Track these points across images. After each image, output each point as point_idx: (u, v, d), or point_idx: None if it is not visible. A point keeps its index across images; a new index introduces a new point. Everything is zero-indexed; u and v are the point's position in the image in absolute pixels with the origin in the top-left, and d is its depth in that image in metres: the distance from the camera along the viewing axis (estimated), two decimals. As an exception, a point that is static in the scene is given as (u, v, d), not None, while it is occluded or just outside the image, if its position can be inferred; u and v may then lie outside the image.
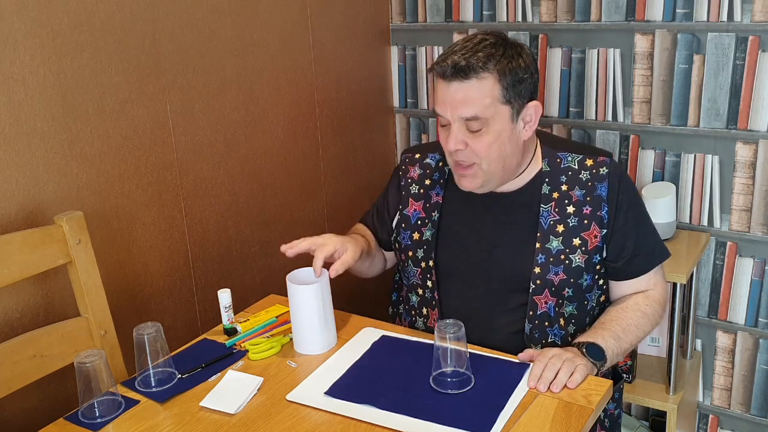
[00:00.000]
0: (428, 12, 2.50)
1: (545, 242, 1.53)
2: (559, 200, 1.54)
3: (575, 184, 1.55)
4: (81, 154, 1.65)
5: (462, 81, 1.42)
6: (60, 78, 1.59)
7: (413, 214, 1.65)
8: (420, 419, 1.29)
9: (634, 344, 1.55)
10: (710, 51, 2.07)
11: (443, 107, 1.46)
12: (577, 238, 1.53)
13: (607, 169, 1.55)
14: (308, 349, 1.53)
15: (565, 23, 2.26)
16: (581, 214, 1.53)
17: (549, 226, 1.54)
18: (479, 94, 1.42)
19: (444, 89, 1.45)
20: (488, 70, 1.42)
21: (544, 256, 1.52)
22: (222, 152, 1.99)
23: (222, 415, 1.34)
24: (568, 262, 1.52)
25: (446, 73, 1.43)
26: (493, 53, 1.43)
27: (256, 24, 2.04)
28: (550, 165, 1.57)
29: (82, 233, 1.53)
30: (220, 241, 2.02)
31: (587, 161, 1.56)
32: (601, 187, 1.54)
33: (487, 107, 1.43)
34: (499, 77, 1.43)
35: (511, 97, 1.45)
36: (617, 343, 1.48)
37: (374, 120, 2.58)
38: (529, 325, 1.54)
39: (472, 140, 1.46)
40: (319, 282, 1.51)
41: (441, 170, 1.65)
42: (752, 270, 2.16)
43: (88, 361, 1.31)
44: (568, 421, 1.28)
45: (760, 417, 2.27)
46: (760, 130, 2.06)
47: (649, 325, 1.57)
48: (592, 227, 1.53)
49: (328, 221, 2.41)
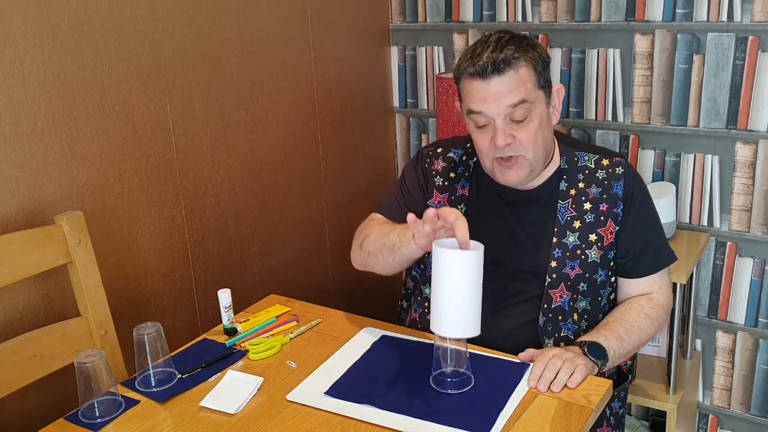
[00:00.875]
0: (428, 12, 2.50)
1: (562, 237, 1.56)
2: (576, 197, 1.58)
3: (592, 182, 1.59)
4: (81, 154, 1.65)
5: (501, 75, 1.46)
6: (60, 78, 1.59)
7: (437, 205, 1.65)
8: (420, 419, 1.29)
9: (637, 346, 1.56)
10: (710, 51, 2.07)
11: (485, 104, 1.47)
12: (594, 234, 1.56)
13: (622, 169, 1.59)
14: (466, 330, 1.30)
15: (565, 23, 2.26)
16: (598, 211, 1.57)
17: (566, 221, 1.57)
18: (521, 82, 1.46)
19: (483, 88, 1.47)
20: (523, 59, 1.47)
21: (560, 250, 1.55)
22: (222, 152, 1.99)
23: (222, 415, 1.34)
24: (584, 257, 1.55)
25: (485, 71, 1.45)
26: (519, 45, 1.48)
27: (256, 24, 2.04)
28: (568, 163, 1.61)
29: (82, 233, 1.53)
30: (220, 241, 2.02)
31: (603, 161, 1.60)
32: (617, 185, 1.58)
33: (530, 91, 1.47)
34: (534, 64, 1.48)
35: (544, 82, 1.51)
36: (620, 344, 1.49)
37: (374, 120, 2.58)
38: (543, 318, 1.56)
39: (518, 132, 1.48)
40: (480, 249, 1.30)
41: (466, 164, 1.67)
42: (752, 270, 2.16)
43: (88, 361, 1.31)
44: (568, 421, 1.28)
45: (760, 417, 2.27)
46: (760, 130, 2.06)
47: (652, 328, 1.57)
48: (608, 224, 1.57)
49: (328, 221, 2.41)
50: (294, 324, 1.65)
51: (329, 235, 2.42)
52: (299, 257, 2.31)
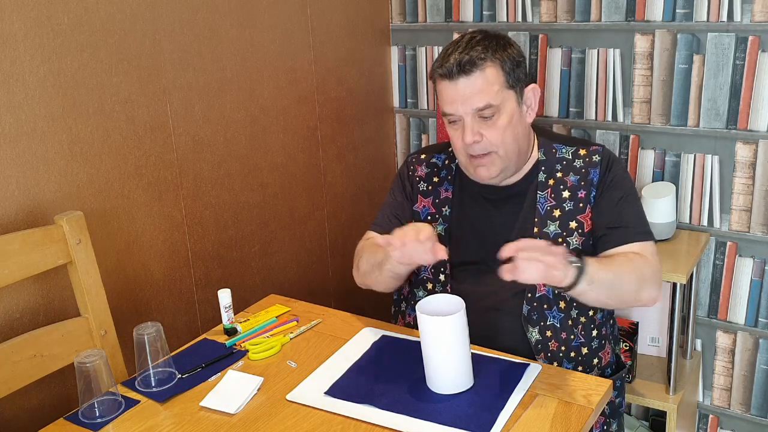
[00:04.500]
0: (428, 12, 2.50)
1: (543, 227, 1.58)
2: (555, 186, 1.59)
3: (570, 171, 1.60)
4: (81, 154, 1.65)
5: (468, 75, 1.48)
6: (60, 78, 1.59)
7: (422, 210, 1.68)
8: (420, 419, 1.29)
9: (618, 287, 1.48)
10: (710, 51, 2.07)
11: (453, 105, 1.51)
12: (573, 221, 1.58)
13: (599, 156, 1.60)
14: (457, 386, 1.36)
15: (565, 23, 2.26)
16: (576, 198, 1.58)
17: (546, 211, 1.58)
18: (487, 83, 1.49)
19: (451, 89, 1.50)
20: (490, 60, 1.49)
21: (542, 240, 1.56)
22: (222, 152, 1.99)
23: (222, 415, 1.34)
24: (566, 245, 1.55)
25: (452, 72, 1.49)
26: (488, 45, 1.51)
27: (256, 24, 2.04)
28: (546, 155, 1.62)
29: (82, 233, 1.53)
30: (220, 241, 2.02)
31: (581, 151, 1.62)
32: (594, 172, 1.59)
33: (496, 93, 1.49)
34: (501, 64, 1.50)
35: (513, 82, 1.52)
36: (599, 266, 1.43)
37: (374, 120, 2.58)
38: (528, 307, 1.56)
39: (486, 129, 1.51)
40: (461, 310, 1.34)
41: (448, 168, 1.69)
42: (752, 270, 2.16)
43: (88, 361, 1.31)
44: (568, 421, 1.28)
45: (760, 417, 2.27)
46: (760, 130, 2.06)
47: (634, 274, 1.50)
48: (587, 210, 1.58)
49: (328, 221, 2.41)
50: (294, 324, 1.65)
51: (329, 235, 2.42)
52: (299, 257, 2.31)
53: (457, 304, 1.35)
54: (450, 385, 1.36)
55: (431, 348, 1.34)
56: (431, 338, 1.33)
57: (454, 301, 1.36)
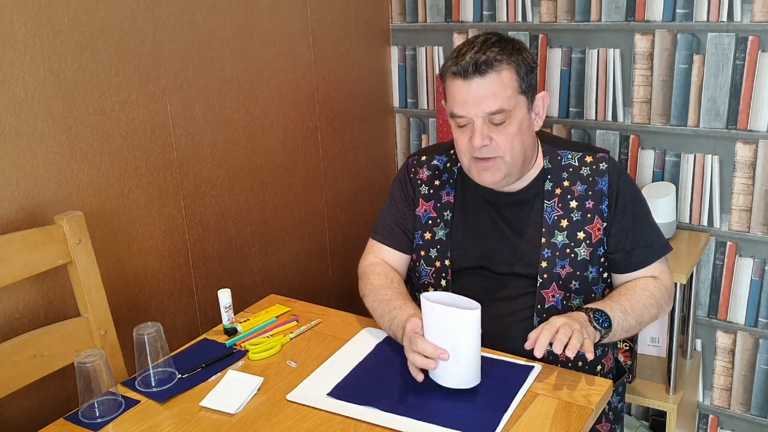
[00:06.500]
0: (428, 12, 2.50)
1: (550, 237, 1.56)
2: (562, 196, 1.57)
3: (577, 180, 1.58)
4: (81, 154, 1.65)
5: (483, 76, 1.44)
6: (60, 78, 1.59)
7: (423, 214, 1.66)
8: (423, 421, 1.28)
9: (640, 324, 1.53)
10: (710, 51, 2.07)
11: (464, 107, 1.47)
12: (581, 232, 1.55)
13: (606, 165, 1.58)
14: (466, 382, 1.36)
15: (565, 23, 2.26)
16: (584, 208, 1.56)
17: (553, 221, 1.56)
18: (501, 87, 1.45)
19: (464, 88, 1.46)
20: (506, 62, 1.45)
21: (550, 250, 1.55)
22: (222, 152, 1.99)
23: (222, 415, 1.34)
24: (574, 256, 1.54)
25: (467, 71, 1.44)
26: (504, 47, 1.47)
27: (256, 24, 2.04)
28: (551, 162, 1.60)
29: (82, 233, 1.53)
30: (220, 241, 2.02)
31: (587, 158, 1.59)
32: (602, 181, 1.57)
33: (509, 98, 1.46)
34: (516, 68, 1.47)
35: (526, 88, 1.49)
36: (624, 317, 1.47)
37: (374, 120, 2.58)
38: (538, 318, 1.55)
39: (496, 134, 1.47)
40: (478, 307, 1.32)
41: (450, 171, 1.66)
42: (752, 270, 2.16)
43: (88, 361, 1.31)
44: (568, 421, 1.28)
45: (760, 417, 2.27)
46: (760, 130, 2.06)
47: (655, 308, 1.55)
48: (595, 220, 1.56)
49: (328, 221, 2.41)
50: (294, 324, 1.65)
51: (329, 235, 2.42)
52: (299, 257, 2.31)
53: (459, 300, 1.34)
54: (458, 380, 1.35)
55: (448, 341, 1.32)
56: (451, 331, 1.32)
57: (457, 297, 1.35)
